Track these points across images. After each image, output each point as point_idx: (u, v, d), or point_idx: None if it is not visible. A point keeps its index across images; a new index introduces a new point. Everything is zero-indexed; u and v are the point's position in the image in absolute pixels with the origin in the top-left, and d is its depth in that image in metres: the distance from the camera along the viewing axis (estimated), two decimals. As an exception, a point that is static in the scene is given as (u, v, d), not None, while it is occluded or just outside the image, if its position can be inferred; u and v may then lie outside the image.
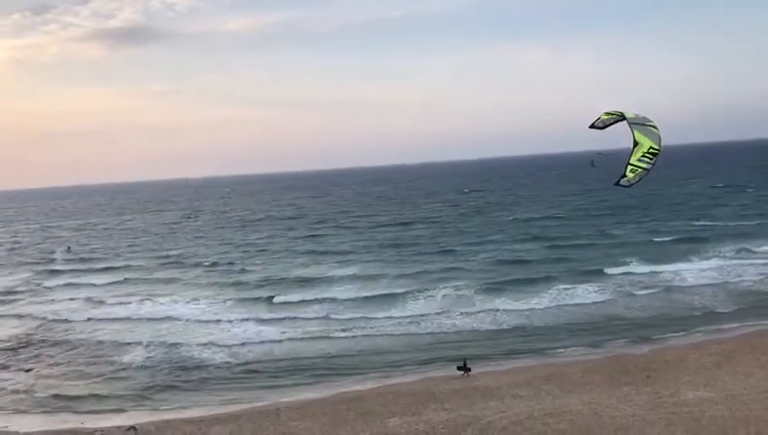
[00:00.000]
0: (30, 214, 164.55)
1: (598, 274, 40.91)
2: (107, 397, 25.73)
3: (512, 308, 34.85)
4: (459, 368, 25.33)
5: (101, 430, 21.46)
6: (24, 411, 24.58)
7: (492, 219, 76.14)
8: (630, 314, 32.88)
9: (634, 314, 32.81)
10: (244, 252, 61.96)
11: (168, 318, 37.56)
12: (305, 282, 45.23)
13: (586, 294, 36.99)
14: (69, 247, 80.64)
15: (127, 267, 57.52)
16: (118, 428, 21.57)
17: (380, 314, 35.24)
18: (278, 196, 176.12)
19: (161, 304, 41.51)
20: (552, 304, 35.31)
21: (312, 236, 71.73)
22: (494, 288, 39.30)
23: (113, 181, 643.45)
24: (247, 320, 35.90)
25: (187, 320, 36.88)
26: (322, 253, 57.31)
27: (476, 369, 25.62)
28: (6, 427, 22.81)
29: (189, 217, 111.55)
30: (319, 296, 40.36)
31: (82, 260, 65.38)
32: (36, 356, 31.92)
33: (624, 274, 40.81)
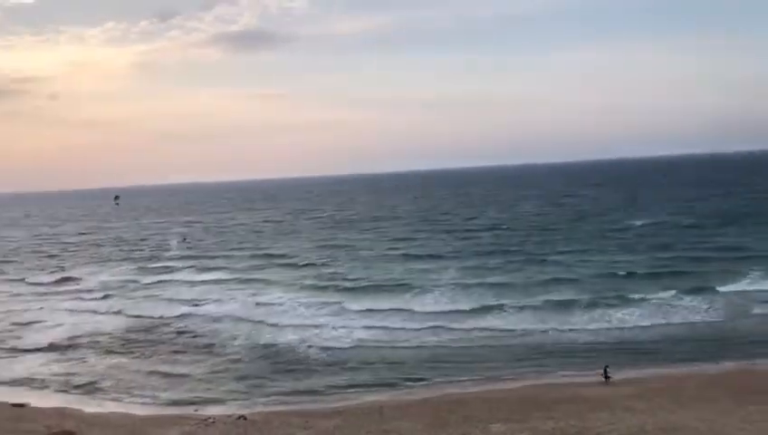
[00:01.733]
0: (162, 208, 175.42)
1: (710, 290, 37.76)
2: (217, 387, 27.04)
3: (615, 323, 33.32)
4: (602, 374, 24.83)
5: (213, 417, 22.59)
6: (140, 398, 26.19)
7: (603, 226, 71.60)
8: (752, 330, 30.78)
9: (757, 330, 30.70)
10: (346, 253, 62.75)
11: (274, 313, 38.97)
12: (404, 285, 45.06)
13: (698, 306, 34.76)
14: (185, 238, 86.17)
15: (232, 262, 60.04)
16: (228, 416, 22.65)
17: (479, 320, 34.88)
18: (386, 195, 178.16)
19: (268, 300, 42.85)
20: (660, 320, 33.19)
21: (409, 238, 71.29)
22: (598, 300, 37.06)
23: (228, 180, 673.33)
24: (350, 320, 36.49)
25: (292, 317, 38.05)
26: (419, 256, 56.81)
27: (585, 379, 24.90)
28: (131, 410, 24.51)
29: (298, 214, 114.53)
30: (417, 299, 40.32)
31: (194, 254, 69.03)
32: (153, 345, 33.99)
33: (741, 291, 37.55)
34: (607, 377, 24.77)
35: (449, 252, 58.15)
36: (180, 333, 36.22)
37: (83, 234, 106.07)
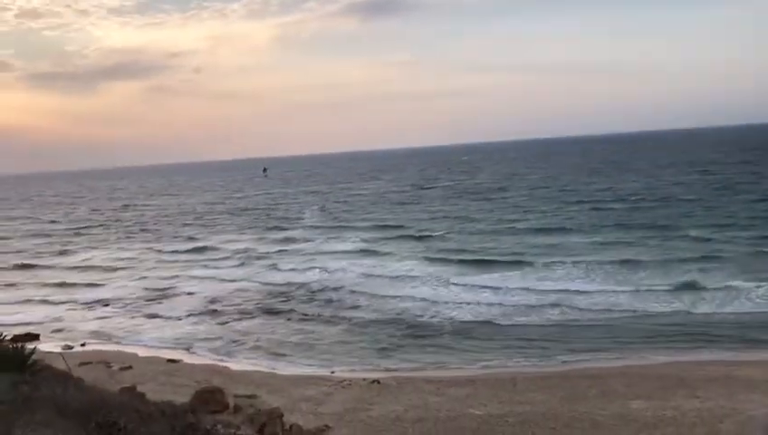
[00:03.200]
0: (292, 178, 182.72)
1: None
2: (351, 352, 27.91)
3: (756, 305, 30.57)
4: None
5: (348, 380, 23.36)
6: (280, 359, 27.57)
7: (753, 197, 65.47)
8: None
9: None
10: (472, 222, 62.74)
11: (399, 284, 39.52)
12: (550, 251, 44.92)
13: None
14: (324, 206, 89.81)
15: (359, 233, 61.11)
16: (363, 380, 23.35)
17: (619, 291, 33.65)
18: (522, 164, 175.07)
19: (392, 272, 43.37)
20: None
21: (535, 210, 69.27)
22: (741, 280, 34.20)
23: (361, 149, 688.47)
24: (483, 289, 36.44)
25: (416, 289, 38.29)
26: (546, 230, 54.86)
27: (737, 358, 23.38)
28: (273, 369, 25.91)
29: (423, 188, 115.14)
30: (553, 267, 40.03)
31: (327, 224, 71.30)
32: (288, 311, 35.51)
33: None
34: None
35: (579, 224, 56.12)
36: (312, 300, 37.54)
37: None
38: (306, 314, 34.28)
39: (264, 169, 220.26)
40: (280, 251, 54.40)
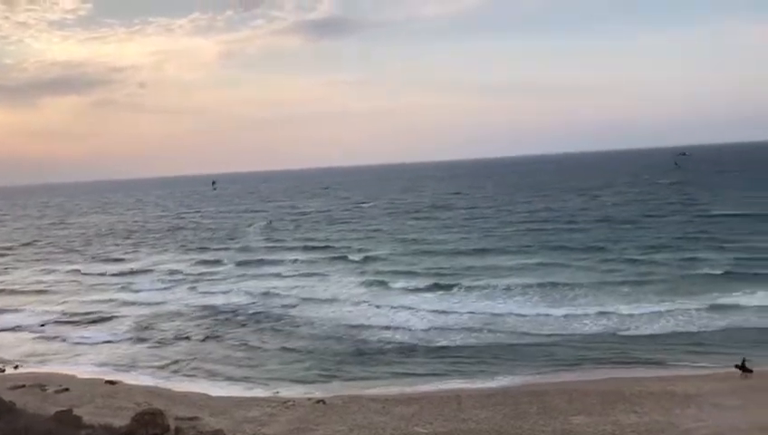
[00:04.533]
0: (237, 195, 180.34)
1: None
2: (297, 370, 27.80)
3: (714, 310, 32.50)
4: (737, 366, 23.76)
5: (292, 400, 23.21)
6: (223, 380, 27.21)
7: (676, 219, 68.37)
8: None
9: None
10: (411, 243, 63.00)
11: (349, 300, 39.82)
12: (484, 272, 45.47)
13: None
14: (269, 223, 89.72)
15: (295, 253, 60.95)
16: (308, 399, 23.23)
17: (560, 310, 34.42)
18: (466, 183, 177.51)
19: (349, 284, 44.26)
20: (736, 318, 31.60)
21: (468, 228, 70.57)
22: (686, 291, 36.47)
23: (310, 166, 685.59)
24: (428, 305, 37.06)
25: (368, 301, 38.90)
26: (497, 250, 55.31)
27: (672, 373, 24.28)
28: (215, 390, 25.50)
29: (365, 206, 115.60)
30: (500, 285, 40.73)
31: (274, 240, 70.74)
32: (231, 329, 35.15)
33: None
34: (745, 369, 23.38)
35: (515, 245, 56.74)
36: (252, 320, 37.02)
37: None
38: (246, 335, 33.88)
39: (213, 183, 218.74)
40: (219, 271, 53.66)
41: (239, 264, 56.35)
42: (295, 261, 55.56)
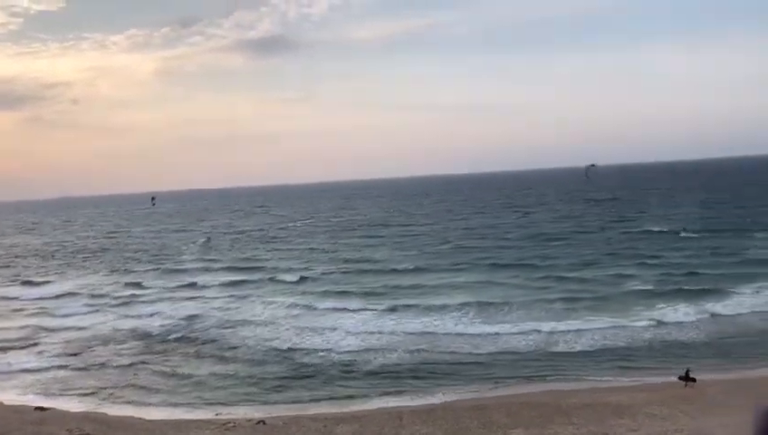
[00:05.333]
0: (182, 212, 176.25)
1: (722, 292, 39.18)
2: (236, 392, 27.47)
3: (637, 325, 33.84)
4: (681, 377, 24.52)
5: (233, 422, 22.91)
6: (160, 402, 26.69)
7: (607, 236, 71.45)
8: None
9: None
10: (345, 262, 63.05)
11: (285, 320, 39.48)
12: (420, 290, 45.94)
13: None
14: (209, 239, 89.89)
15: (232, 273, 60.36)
16: (248, 420, 22.98)
17: (495, 327, 35.04)
18: (406, 201, 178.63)
19: (284, 304, 43.74)
20: (691, 320, 34.03)
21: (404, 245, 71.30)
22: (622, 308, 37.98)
23: (249, 184, 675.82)
24: (365, 325, 37.19)
25: (304, 322, 38.78)
26: (433, 268, 55.73)
27: (606, 382, 25.15)
28: (152, 413, 24.91)
29: (300, 223, 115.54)
30: (436, 303, 41.17)
31: (209, 260, 69.52)
32: (168, 350, 34.45)
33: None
34: (689, 379, 24.20)
35: (450, 264, 57.23)
36: (188, 341, 36.50)
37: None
38: (180, 358, 33.23)
39: (152, 199, 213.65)
40: (148, 293, 52.21)
41: (170, 285, 54.92)
42: (230, 282, 54.51)
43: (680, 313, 35.56)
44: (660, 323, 33.92)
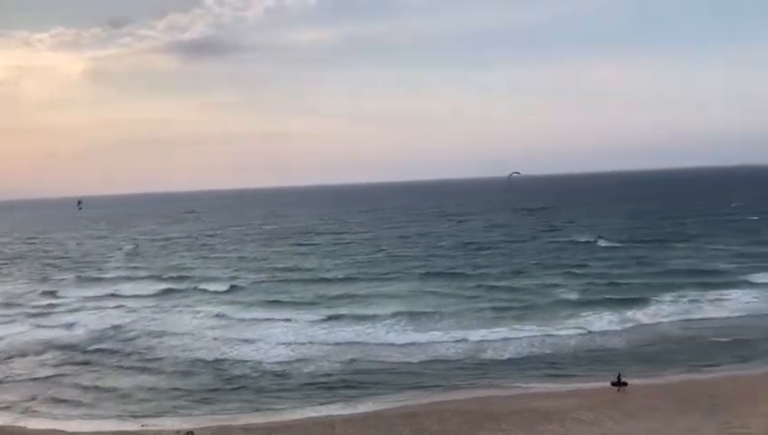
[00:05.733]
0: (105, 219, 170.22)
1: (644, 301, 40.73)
2: (164, 401, 26.78)
3: (564, 333, 34.77)
4: (614, 383, 25.26)
5: (161, 433, 22.29)
6: (76, 413, 25.73)
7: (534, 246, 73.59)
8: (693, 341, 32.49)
9: (696, 341, 32.43)
10: (274, 271, 62.55)
11: (212, 330, 38.71)
12: (351, 299, 45.89)
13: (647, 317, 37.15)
14: (137, 246, 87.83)
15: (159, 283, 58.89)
16: (177, 432, 22.39)
17: (426, 335, 35.34)
18: (334, 207, 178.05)
19: (211, 314, 42.82)
20: (615, 328, 35.22)
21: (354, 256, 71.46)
22: (548, 315, 38.97)
23: (181, 190, 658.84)
24: (295, 334, 36.75)
25: (231, 332, 38.06)
26: (365, 277, 55.62)
27: (534, 389, 25.66)
28: (75, 425, 23.95)
29: (233, 230, 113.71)
30: (368, 312, 41.17)
31: (136, 268, 67.53)
32: (93, 360, 33.27)
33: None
34: (621, 384, 25.05)
35: (380, 274, 57.24)
36: (111, 351, 35.33)
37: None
38: (103, 369, 32.08)
39: (79, 202, 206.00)
40: (68, 302, 50.08)
41: (92, 294, 52.77)
42: (155, 291, 52.86)
43: (605, 321, 36.71)
44: (586, 331, 34.90)
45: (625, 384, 25.13)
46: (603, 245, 68.27)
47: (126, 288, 54.77)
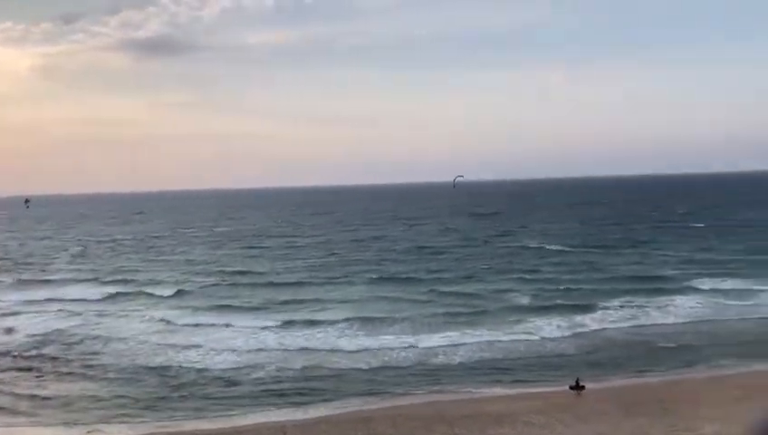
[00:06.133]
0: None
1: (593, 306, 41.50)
2: (111, 407, 26.06)
3: (517, 338, 35.04)
4: (572, 387, 25.71)
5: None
6: (16, 421, 24.79)
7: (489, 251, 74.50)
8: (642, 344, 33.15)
9: (643, 346, 33.06)
10: (242, 271, 62.12)
11: (158, 336, 37.90)
12: (302, 304, 45.43)
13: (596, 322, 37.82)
14: (84, 248, 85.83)
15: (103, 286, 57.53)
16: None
17: (382, 337, 35.42)
18: (287, 209, 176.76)
19: (157, 319, 41.82)
20: (565, 334, 35.78)
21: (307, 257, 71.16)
22: (501, 318, 39.56)
23: (131, 190, 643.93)
24: (244, 341, 36.01)
25: (178, 337, 37.32)
26: (317, 282, 54.98)
27: (488, 392, 25.82)
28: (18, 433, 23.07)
29: (184, 232, 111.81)
30: (319, 317, 40.80)
31: (87, 266, 65.74)
32: (32, 367, 32.15)
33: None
34: (579, 387, 25.55)
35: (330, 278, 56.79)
36: (55, 355, 34.27)
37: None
38: (45, 375, 31.03)
39: (27, 201, 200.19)
40: (7, 304, 48.31)
41: (31, 298, 50.77)
42: (99, 295, 51.04)
43: (555, 326, 37.22)
44: (536, 336, 35.35)
45: (583, 388, 25.62)
46: (554, 250, 69.47)
47: (70, 291, 53.13)
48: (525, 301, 44.13)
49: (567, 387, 25.93)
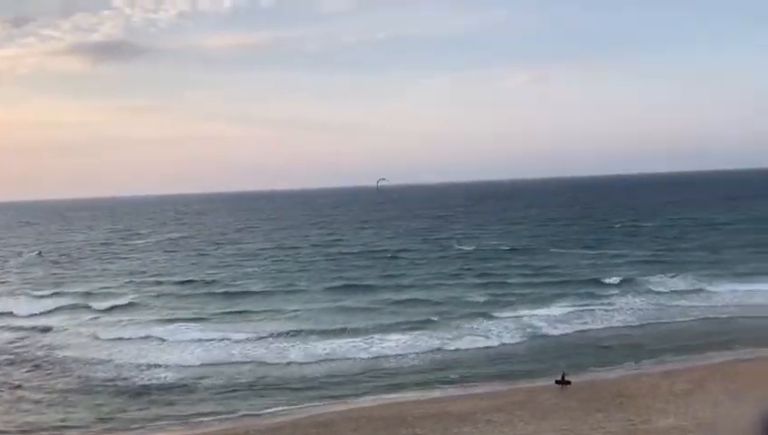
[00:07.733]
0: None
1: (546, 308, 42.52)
2: (68, 416, 25.59)
3: (468, 340, 35.46)
4: (558, 381, 26.40)
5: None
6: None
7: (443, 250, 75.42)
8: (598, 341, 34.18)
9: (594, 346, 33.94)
10: (197, 280, 61.07)
11: (128, 339, 37.60)
12: (265, 301, 46.17)
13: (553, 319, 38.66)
14: (40, 252, 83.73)
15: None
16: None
17: (333, 347, 34.96)
18: (247, 214, 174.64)
19: (104, 330, 40.72)
20: (520, 331, 36.62)
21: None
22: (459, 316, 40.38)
23: (86, 196, 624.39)
24: (203, 352, 35.04)
25: (146, 339, 37.16)
26: (278, 291, 53.51)
27: (449, 393, 26.10)
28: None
29: (135, 239, 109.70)
30: (271, 329, 39.54)
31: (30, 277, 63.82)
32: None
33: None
34: (565, 382, 26.24)
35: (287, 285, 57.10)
36: (9, 364, 33.50)
37: None
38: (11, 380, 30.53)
39: None
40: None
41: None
42: (42, 308, 48.68)
43: (506, 328, 37.66)
44: (489, 339, 35.69)
45: (569, 383, 26.34)
46: (506, 251, 70.39)
47: (11, 304, 51.20)
48: (477, 304, 44.36)
49: (553, 382, 26.68)
